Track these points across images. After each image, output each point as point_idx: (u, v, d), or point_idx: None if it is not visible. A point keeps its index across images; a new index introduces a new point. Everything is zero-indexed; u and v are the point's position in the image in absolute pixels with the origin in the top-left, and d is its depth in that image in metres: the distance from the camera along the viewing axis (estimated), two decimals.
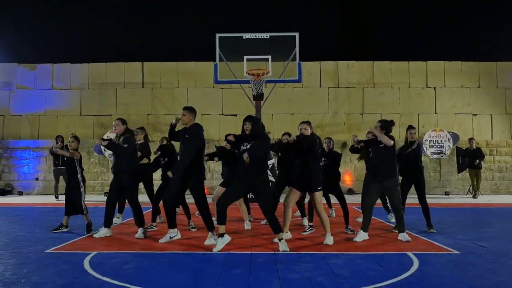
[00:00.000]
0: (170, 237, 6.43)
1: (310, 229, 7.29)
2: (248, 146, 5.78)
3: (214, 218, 7.90)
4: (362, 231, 6.59)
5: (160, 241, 6.37)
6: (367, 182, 6.82)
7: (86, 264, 4.99)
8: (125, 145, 6.72)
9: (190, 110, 6.35)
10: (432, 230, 7.32)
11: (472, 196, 14.60)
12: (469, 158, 14.62)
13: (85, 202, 7.50)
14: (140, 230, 6.86)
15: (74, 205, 7.38)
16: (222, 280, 4.38)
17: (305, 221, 7.99)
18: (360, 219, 8.68)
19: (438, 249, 5.94)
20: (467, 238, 6.83)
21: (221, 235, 5.80)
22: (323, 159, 7.44)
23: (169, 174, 6.39)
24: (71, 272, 4.66)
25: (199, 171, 6.36)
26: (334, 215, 9.38)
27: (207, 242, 6.26)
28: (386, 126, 6.61)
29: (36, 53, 18.46)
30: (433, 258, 5.40)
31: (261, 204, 5.87)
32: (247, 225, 7.84)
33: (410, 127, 7.62)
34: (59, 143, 12.38)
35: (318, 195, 6.28)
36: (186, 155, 6.15)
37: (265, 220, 8.22)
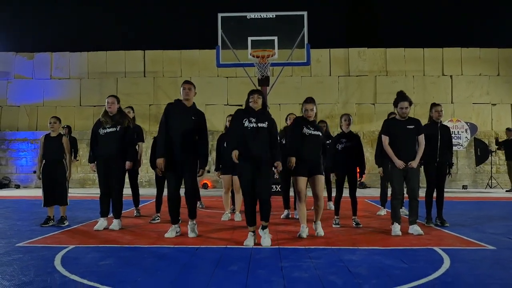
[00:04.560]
0: (177, 232, 5.67)
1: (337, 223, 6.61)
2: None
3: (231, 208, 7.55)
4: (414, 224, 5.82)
5: (166, 235, 5.58)
6: None
7: (57, 260, 4.26)
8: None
9: None
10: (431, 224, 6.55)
11: (506, 191, 13.65)
12: (510, 149, 13.57)
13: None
14: (115, 221, 6.24)
15: (57, 194, 6.65)
16: (213, 279, 3.63)
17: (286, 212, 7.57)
18: (381, 213, 7.93)
19: (469, 244, 5.12)
20: (498, 232, 5.99)
21: (253, 232, 5.16)
22: (343, 140, 6.66)
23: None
24: (37, 269, 3.92)
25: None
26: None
27: (191, 235, 5.59)
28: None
29: (34, 41, 17.76)
30: (466, 254, 4.59)
31: (262, 185, 5.10)
32: (238, 217, 7.13)
33: (435, 104, 6.77)
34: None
35: (323, 178, 5.72)
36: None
37: (284, 214, 7.53)
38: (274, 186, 11.05)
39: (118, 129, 6.19)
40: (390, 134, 5.90)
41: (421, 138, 5.87)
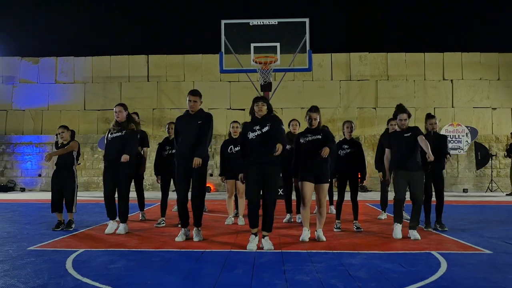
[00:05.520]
0: (186, 236, 5.88)
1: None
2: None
3: (234, 212, 7.70)
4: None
5: (176, 239, 5.79)
6: None
7: (69, 263, 4.43)
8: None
9: None
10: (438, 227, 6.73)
11: (506, 194, 13.76)
12: None
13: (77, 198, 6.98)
14: (121, 225, 6.40)
15: (65, 201, 6.81)
16: (219, 282, 3.79)
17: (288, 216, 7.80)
18: (382, 217, 8.08)
19: (466, 248, 5.28)
20: (496, 236, 6.14)
21: (255, 234, 5.34)
22: (345, 146, 6.83)
23: None
24: (49, 272, 4.09)
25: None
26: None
27: (196, 239, 5.76)
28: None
29: (39, 46, 18.01)
30: (463, 258, 4.74)
31: (268, 197, 5.27)
32: (241, 221, 7.35)
33: (429, 117, 6.92)
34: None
35: (327, 186, 5.87)
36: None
37: (286, 218, 7.74)
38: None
39: (123, 133, 6.35)
40: (392, 147, 6.13)
41: (420, 138, 5.94)
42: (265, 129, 5.30)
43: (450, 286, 3.68)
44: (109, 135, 6.44)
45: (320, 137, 5.82)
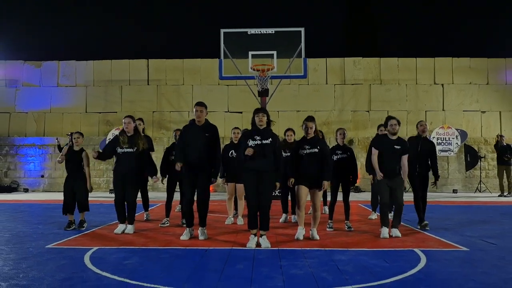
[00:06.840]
0: (191, 235, 6.39)
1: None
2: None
3: (234, 211, 8.18)
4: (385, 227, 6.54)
5: (181, 238, 6.30)
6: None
7: (87, 259, 4.92)
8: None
9: None
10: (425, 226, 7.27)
11: (499, 195, 14.26)
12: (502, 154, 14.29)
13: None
14: (129, 226, 6.88)
15: (77, 203, 7.30)
16: (224, 275, 4.29)
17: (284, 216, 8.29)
18: (372, 217, 8.61)
19: (446, 246, 5.81)
20: (475, 235, 6.68)
21: (255, 234, 5.87)
22: (338, 152, 7.34)
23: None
24: (71, 267, 4.58)
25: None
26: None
27: (201, 238, 6.28)
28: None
29: (42, 50, 18.54)
30: (441, 254, 5.27)
31: (264, 199, 5.79)
32: (240, 221, 7.87)
33: (420, 121, 7.51)
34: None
35: (321, 192, 6.38)
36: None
37: (282, 218, 8.25)
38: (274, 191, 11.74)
39: (134, 150, 6.81)
40: (379, 148, 6.63)
41: (405, 158, 6.63)
42: (265, 141, 5.84)
43: (426, 278, 4.20)
44: (119, 148, 6.85)
45: (317, 151, 6.30)
